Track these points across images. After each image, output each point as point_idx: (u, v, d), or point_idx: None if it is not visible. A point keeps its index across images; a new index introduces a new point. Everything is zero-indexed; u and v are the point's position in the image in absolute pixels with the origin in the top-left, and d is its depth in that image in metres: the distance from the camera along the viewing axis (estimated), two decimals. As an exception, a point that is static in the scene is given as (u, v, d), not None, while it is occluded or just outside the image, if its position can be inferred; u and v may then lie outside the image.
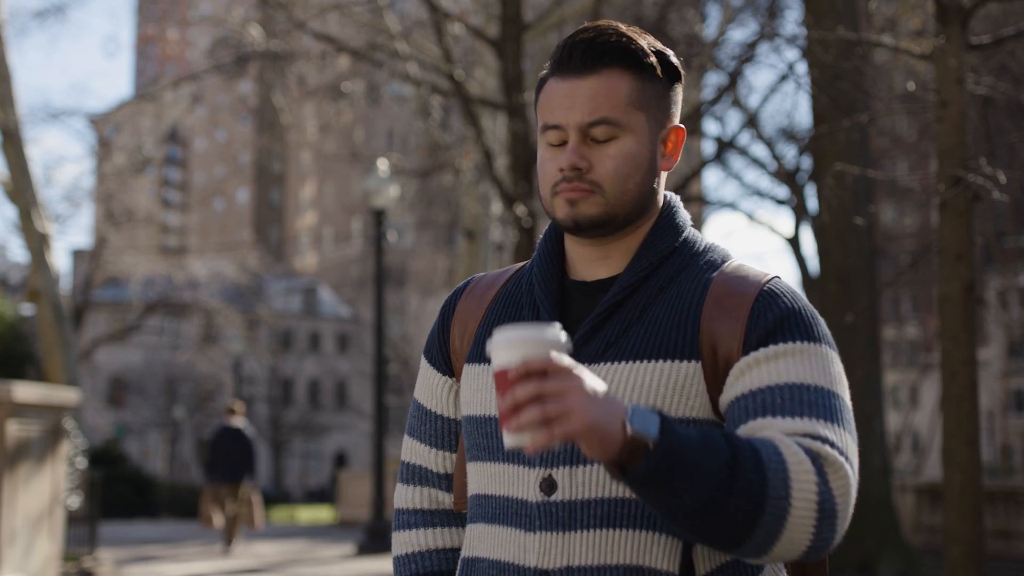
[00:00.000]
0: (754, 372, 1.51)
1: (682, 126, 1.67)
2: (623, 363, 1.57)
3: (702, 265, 1.64)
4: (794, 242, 17.48)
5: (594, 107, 1.57)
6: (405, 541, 1.79)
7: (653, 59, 1.61)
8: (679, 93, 1.67)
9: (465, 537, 1.70)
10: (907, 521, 13.96)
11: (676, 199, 1.71)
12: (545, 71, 1.66)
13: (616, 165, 1.58)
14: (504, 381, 1.37)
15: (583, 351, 1.60)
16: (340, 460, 61.14)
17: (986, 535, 6.14)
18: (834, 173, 8.52)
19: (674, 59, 1.65)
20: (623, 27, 1.63)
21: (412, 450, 1.82)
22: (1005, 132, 10.89)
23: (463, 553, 1.68)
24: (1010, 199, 9.39)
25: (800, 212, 17.32)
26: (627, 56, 1.59)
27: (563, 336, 1.38)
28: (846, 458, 1.46)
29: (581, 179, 1.58)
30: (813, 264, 16.23)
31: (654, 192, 1.63)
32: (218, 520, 14.03)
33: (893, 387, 48.52)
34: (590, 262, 1.67)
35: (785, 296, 1.57)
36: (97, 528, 11.79)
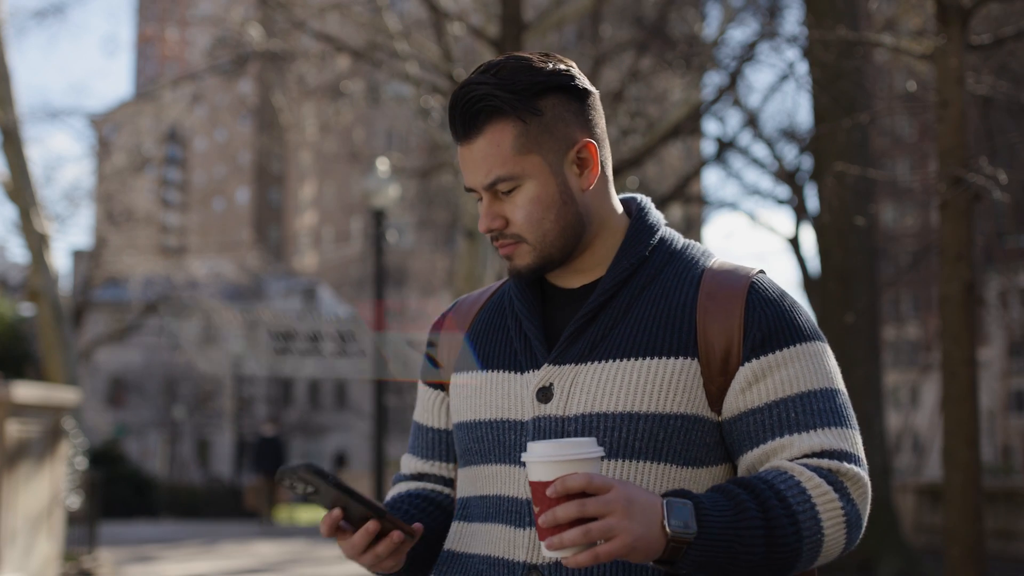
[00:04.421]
0: (762, 384, 1.59)
1: (592, 140, 1.66)
2: (608, 362, 1.61)
3: (686, 262, 1.69)
4: (794, 242, 17.46)
5: (487, 169, 1.63)
6: (394, 491, 1.89)
7: (523, 103, 1.61)
8: (589, 105, 1.67)
9: (449, 533, 1.73)
10: (907, 521, 13.95)
11: (646, 201, 1.76)
12: None
13: (525, 213, 1.64)
14: (541, 494, 1.42)
15: (568, 352, 1.64)
16: (340, 460, 61.11)
17: (986, 535, 6.13)
18: (834, 173, 8.51)
19: (577, 80, 1.65)
20: (496, 72, 1.63)
21: (407, 464, 1.90)
22: (1005, 132, 10.88)
23: (445, 546, 1.72)
24: (1010, 199, 9.38)
25: (800, 212, 17.28)
26: (498, 110, 1.62)
27: (599, 451, 1.44)
28: (858, 461, 1.58)
29: (504, 236, 1.66)
30: (813, 264, 16.22)
31: (579, 218, 1.66)
32: (253, 502, 20.25)
33: (893, 387, 48.47)
34: (566, 275, 1.72)
35: (773, 292, 1.64)
36: (97, 528, 11.78)
